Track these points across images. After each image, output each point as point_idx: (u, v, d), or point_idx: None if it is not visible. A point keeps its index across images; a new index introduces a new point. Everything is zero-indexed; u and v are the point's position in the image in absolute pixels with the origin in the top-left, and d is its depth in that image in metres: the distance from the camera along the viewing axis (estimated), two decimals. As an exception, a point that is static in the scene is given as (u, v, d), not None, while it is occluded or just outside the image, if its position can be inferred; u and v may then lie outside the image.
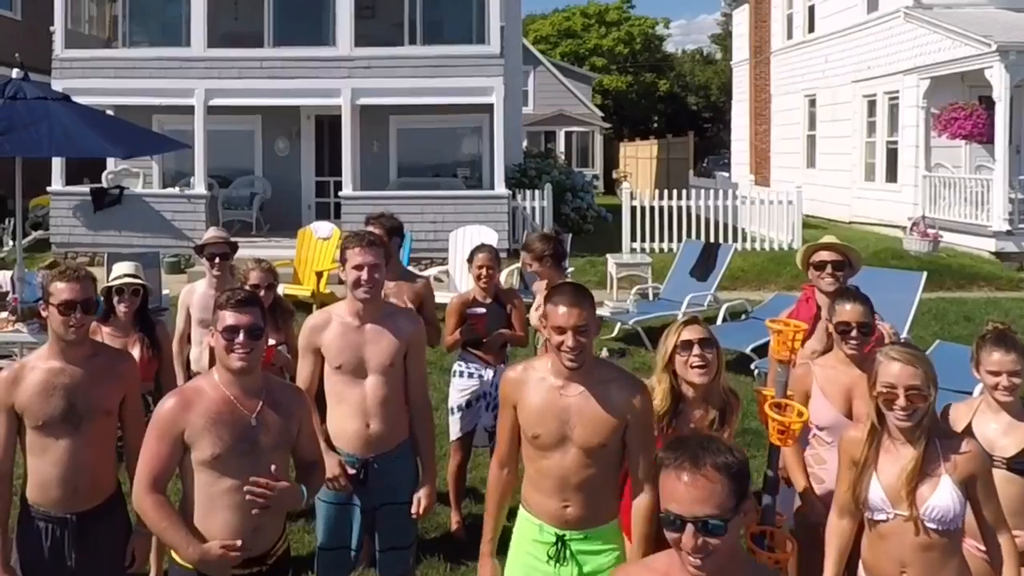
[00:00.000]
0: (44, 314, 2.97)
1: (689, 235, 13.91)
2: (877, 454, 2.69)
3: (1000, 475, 2.83)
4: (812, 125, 19.94)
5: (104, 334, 4.00)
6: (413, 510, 3.49)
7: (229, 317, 2.69)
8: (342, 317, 3.50)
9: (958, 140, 14.16)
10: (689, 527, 1.83)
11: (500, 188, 13.98)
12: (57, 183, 13.96)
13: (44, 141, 6.28)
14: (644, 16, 50.92)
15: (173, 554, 2.74)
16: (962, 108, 13.89)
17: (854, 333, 3.19)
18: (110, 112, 13.27)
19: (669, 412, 3.06)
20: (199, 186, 13.93)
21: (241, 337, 2.66)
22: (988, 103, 13.52)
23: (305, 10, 14.49)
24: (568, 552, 2.79)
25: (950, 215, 14.10)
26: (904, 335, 7.46)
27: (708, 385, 3.04)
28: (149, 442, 2.70)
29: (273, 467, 2.70)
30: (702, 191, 14.86)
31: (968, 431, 2.94)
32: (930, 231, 13.29)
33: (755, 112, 23.10)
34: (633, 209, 14.09)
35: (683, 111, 49.28)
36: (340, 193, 14.02)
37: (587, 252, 13.34)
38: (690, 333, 3.06)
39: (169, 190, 14.77)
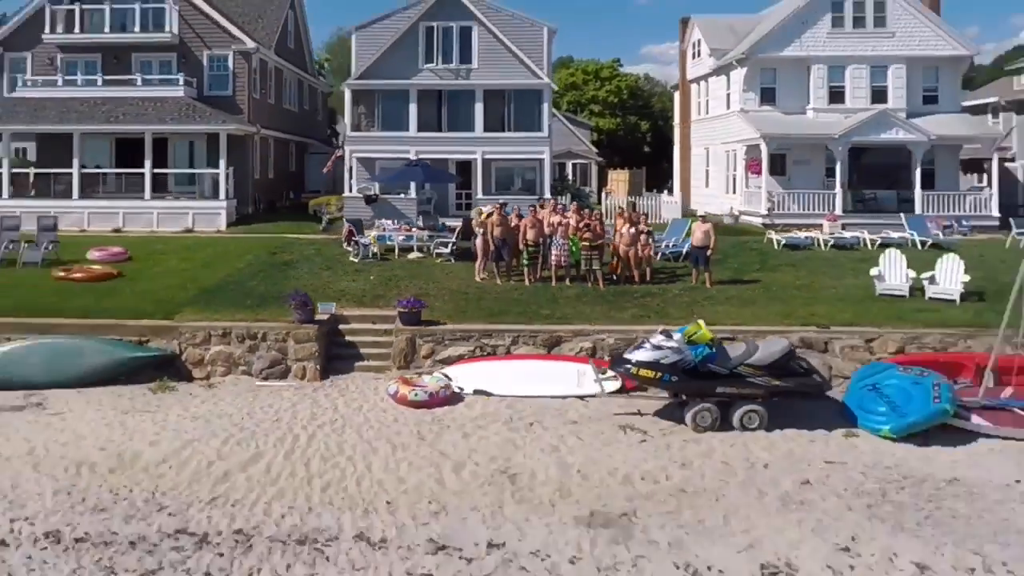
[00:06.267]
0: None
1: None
2: None
3: None
4: (707, 164, 37.06)
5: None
6: None
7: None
8: None
9: (756, 176, 31.18)
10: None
11: (547, 196, 31.07)
12: (348, 192, 30.98)
13: (422, 176, 23.42)
14: (628, 73, 68.35)
15: None
16: (754, 161, 30.84)
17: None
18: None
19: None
20: (413, 193, 30.93)
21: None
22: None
23: (459, 113, 31.66)
24: None
25: (751, 207, 31.06)
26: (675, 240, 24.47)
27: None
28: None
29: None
30: (640, 199, 31.97)
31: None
32: (735, 213, 30.32)
33: (682, 155, 40.25)
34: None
35: (664, 140, 66.25)
36: (475, 197, 31.10)
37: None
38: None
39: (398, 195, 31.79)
